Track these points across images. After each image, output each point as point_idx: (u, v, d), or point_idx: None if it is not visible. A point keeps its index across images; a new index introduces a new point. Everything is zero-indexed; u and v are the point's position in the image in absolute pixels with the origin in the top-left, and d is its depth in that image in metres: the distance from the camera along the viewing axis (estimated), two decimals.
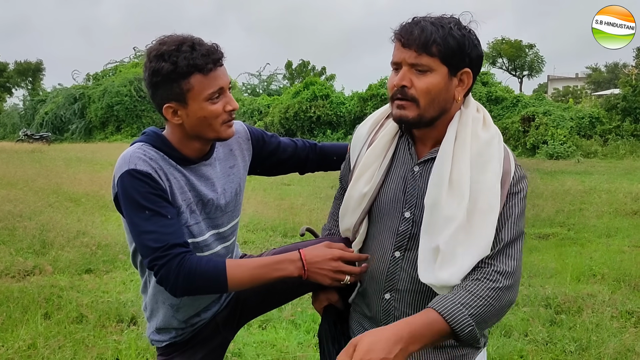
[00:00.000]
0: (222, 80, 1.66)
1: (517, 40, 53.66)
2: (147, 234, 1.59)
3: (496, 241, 1.46)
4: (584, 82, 61.59)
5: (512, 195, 1.50)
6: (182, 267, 1.57)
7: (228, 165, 1.88)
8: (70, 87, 44.57)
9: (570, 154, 21.93)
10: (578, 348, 4.10)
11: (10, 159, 21.15)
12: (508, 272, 1.44)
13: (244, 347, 4.08)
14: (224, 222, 1.86)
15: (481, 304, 1.36)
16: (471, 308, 1.35)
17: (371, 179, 1.63)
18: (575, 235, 8.10)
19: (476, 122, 1.53)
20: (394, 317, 1.61)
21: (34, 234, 7.48)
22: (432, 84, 1.46)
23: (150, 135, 1.75)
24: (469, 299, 1.36)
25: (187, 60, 1.59)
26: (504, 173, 1.49)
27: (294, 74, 53.51)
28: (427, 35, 1.43)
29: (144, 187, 1.61)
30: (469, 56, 1.48)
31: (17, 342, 3.98)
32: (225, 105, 1.67)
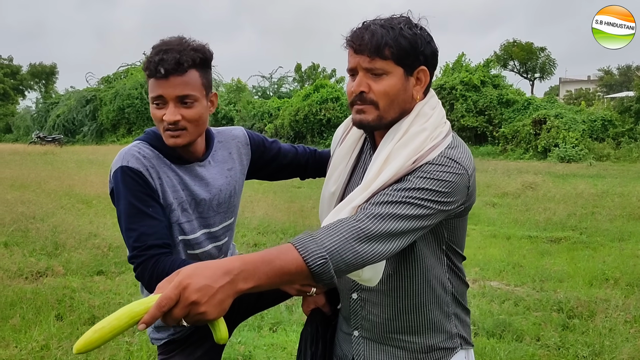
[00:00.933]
0: (165, 89, 1.67)
1: (529, 43, 53.36)
2: (130, 231, 1.66)
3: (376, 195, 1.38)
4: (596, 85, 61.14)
5: (417, 169, 1.40)
6: (156, 269, 1.63)
7: (226, 168, 1.93)
8: (83, 90, 44.90)
9: (583, 157, 21.79)
10: (591, 353, 4.07)
11: (23, 161, 21.35)
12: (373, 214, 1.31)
13: (254, 349, 4.09)
14: (215, 222, 1.91)
15: (338, 238, 1.25)
16: (328, 241, 1.24)
17: (338, 177, 1.66)
18: (587, 239, 8.03)
19: (420, 117, 1.51)
20: (362, 317, 1.63)
21: (46, 236, 7.54)
22: (389, 86, 1.46)
23: (149, 134, 1.82)
24: (324, 233, 1.26)
25: (148, 63, 1.68)
26: (418, 157, 1.42)
27: (303, 77, 53.50)
28: (378, 39, 1.43)
29: (134, 185, 1.68)
30: (422, 54, 1.47)
31: (31, 343, 4.02)
32: (164, 115, 1.69)
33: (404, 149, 1.44)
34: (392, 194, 1.36)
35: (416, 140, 1.45)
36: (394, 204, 1.34)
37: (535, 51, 53.62)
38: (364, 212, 1.32)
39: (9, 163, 20.05)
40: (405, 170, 1.40)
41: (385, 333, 1.61)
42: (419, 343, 1.60)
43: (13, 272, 5.86)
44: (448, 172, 1.40)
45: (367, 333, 1.63)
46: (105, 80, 45.88)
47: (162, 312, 1.06)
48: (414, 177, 1.39)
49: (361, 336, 1.65)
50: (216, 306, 1.10)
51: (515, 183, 13.69)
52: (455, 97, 27.48)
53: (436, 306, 1.60)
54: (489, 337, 4.38)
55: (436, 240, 1.54)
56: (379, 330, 1.61)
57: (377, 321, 1.60)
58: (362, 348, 1.65)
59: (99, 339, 1.04)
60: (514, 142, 25.62)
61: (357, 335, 1.66)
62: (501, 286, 5.78)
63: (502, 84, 28.57)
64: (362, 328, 1.64)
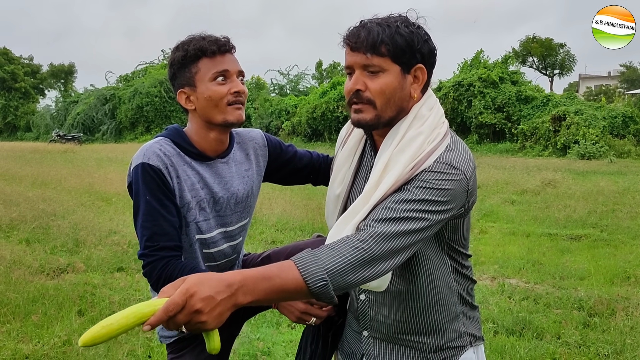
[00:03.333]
0: (228, 64, 1.75)
1: (548, 39, 52.82)
2: (144, 229, 1.68)
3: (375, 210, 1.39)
4: (617, 81, 60.37)
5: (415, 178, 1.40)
6: (165, 271, 1.66)
7: (243, 168, 1.94)
8: (102, 88, 45.33)
9: (603, 153, 21.52)
10: (612, 351, 4.02)
11: (44, 159, 21.63)
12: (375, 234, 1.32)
13: (273, 346, 4.11)
14: (232, 221, 1.92)
15: (341, 260, 1.26)
16: (330, 263, 1.25)
17: (342, 180, 1.66)
18: (608, 237, 7.94)
19: (417, 119, 1.50)
20: (370, 318, 1.63)
21: (67, 233, 7.63)
22: (386, 84, 1.45)
23: (171, 130, 1.84)
24: (327, 253, 1.27)
25: (196, 45, 1.72)
26: (416, 163, 1.41)
27: (323, 74, 53.47)
28: (375, 36, 1.42)
29: (152, 182, 1.69)
30: (419, 52, 1.46)
31: (53, 338, 4.07)
32: (231, 88, 1.74)
33: (402, 155, 1.44)
34: (394, 208, 1.36)
35: (413, 145, 1.44)
36: (396, 221, 1.34)
37: (554, 47, 53.04)
38: (367, 232, 1.32)
39: (29, 161, 20.32)
40: (404, 178, 1.40)
41: (394, 333, 1.61)
42: (428, 343, 1.60)
43: (35, 268, 5.94)
44: (447, 179, 1.39)
45: (376, 333, 1.64)
46: (124, 79, 46.27)
47: (168, 317, 1.09)
48: (413, 187, 1.38)
49: (370, 336, 1.66)
50: (216, 317, 1.13)
51: (534, 180, 13.57)
52: (473, 94, 27.29)
53: (443, 307, 1.60)
54: (509, 334, 4.35)
55: (438, 242, 1.54)
56: (388, 330, 1.62)
57: (385, 322, 1.61)
58: (371, 347, 1.65)
59: (105, 335, 1.07)
60: (532, 139, 25.38)
61: (367, 335, 1.66)
62: (521, 284, 5.74)
63: (520, 81, 28.33)
64: (371, 328, 1.65)
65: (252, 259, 2.06)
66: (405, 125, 1.49)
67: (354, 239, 1.31)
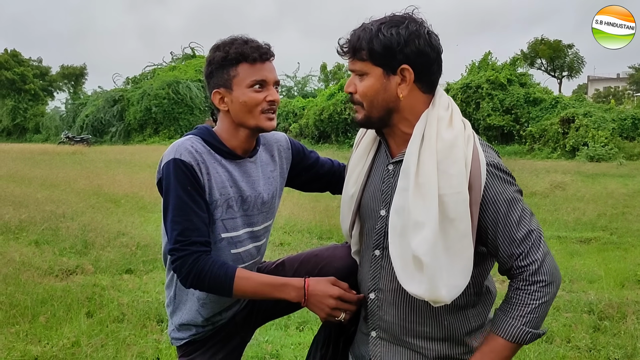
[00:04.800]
0: (267, 73, 1.78)
1: (557, 41, 52.63)
2: (175, 223, 1.70)
3: (513, 248, 1.49)
4: (626, 83, 60.06)
5: (494, 197, 1.49)
6: (196, 266, 1.68)
7: (269, 169, 1.95)
8: (110, 91, 45.51)
9: (612, 156, 21.40)
10: (623, 356, 3.99)
11: (53, 160, 21.74)
12: (540, 270, 1.47)
13: (281, 348, 4.10)
14: (258, 221, 1.93)
15: (531, 311, 1.47)
16: (526, 320, 1.47)
17: (356, 180, 1.69)
18: (618, 240, 7.88)
19: (441, 122, 1.51)
20: (378, 318, 1.63)
21: (76, 234, 7.65)
22: (367, 86, 1.53)
23: (201, 129, 1.86)
24: (520, 312, 1.48)
25: (238, 49, 1.74)
26: (473, 177, 1.45)
27: (328, 76, 53.51)
28: (354, 41, 1.51)
29: (184, 178, 1.71)
30: (401, 53, 1.48)
31: (62, 340, 4.08)
32: (267, 96, 1.77)
33: (451, 164, 1.44)
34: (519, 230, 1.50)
35: (457, 152, 1.46)
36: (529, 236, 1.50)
37: (563, 49, 52.82)
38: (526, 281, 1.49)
39: (39, 163, 20.42)
40: (477, 199, 1.46)
41: (401, 335, 1.61)
42: (434, 350, 1.59)
43: (44, 270, 5.96)
44: (513, 181, 1.57)
45: (383, 334, 1.64)
46: (133, 81, 46.44)
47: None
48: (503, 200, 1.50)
49: (378, 337, 1.65)
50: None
51: (543, 183, 13.49)
52: (481, 96, 27.22)
53: (457, 318, 1.59)
54: None
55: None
56: (395, 331, 1.61)
57: (393, 321, 1.61)
58: (378, 349, 1.65)
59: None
60: (541, 141, 25.27)
61: (375, 336, 1.66)
62: None
63: (529, 83, 28.24)
64: (379, 328, 1.65)
65: (266, 267, 2.05)
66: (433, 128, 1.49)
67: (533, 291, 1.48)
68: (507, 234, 1.49)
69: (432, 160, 1.46)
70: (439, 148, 1.46)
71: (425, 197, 1.43)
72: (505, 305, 1.52)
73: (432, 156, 1.46)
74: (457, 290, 1.44)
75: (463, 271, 1.44)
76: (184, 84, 38.93)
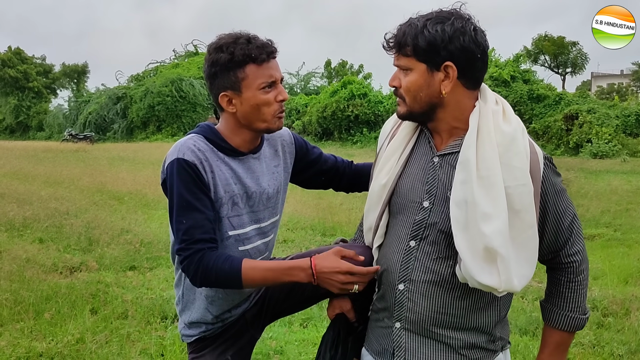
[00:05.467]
0: (275, 72, 1.77)
1: (560, 37, 52.45)
2: (179, 223, 1.71)
3: (559, 237, 1.59)
4: (630, 79, 59.85)
5: (549, 188, 1.56)
6: (201, 263, 1.68)
7: (273, 164, 1.95)
8: (113, 88, 45.55)
9: (616, 152, 21.37)
10: (627, 351, 3.99)
11: (56, 158, 21.78)
12: (584, 259, 1.62)
13: (285, 345, 4.11)
14: (265, 217, 1.92)
15: (582, 299, 1.63)
16: (580, 309, 1.63)
17: (390, 170, 1.68)
18: (622, 236, 7.88)
19: (497, 115, 1.53)
20: (407, 309, 1.62)
21: (80, 232, 7.67)
22: (410, 82, 1.55)
23: (203, 127, 1.85)
24: (574, 303, 1.63)
25: (243, 50, 1.71)
26: (533, 169, 1.50)
27: (332, 73, 53.48)
28: (400, 37, 1.53)
29: (187, 177, 1.71)
30: (445, 49, 1.49)
31: (66, 336, 4.09)
32: (277, 96, 1.77)
33: (513, 156, 1.48)
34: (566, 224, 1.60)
35: (519, 145, 1.50)
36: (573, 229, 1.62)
37: (566, 45, 52.65)
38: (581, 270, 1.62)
39: (42, 160, 20.47)
40: (537, 190, 1.51)
41: (429, 326, 1.60)
42: (461, 339, 1.60)
43: (48, 267, 5.98)
44: (559, 179, 1.63)
45: (409, 325, 1.63)
46: (135, 78, 46.46)
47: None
48: (555, 191, 1.58)
49: (403, 328, 1.64)
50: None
51: None
52: None
53: (493, 308, 1.62)
54: (522, 334, 4.33)
55: None
56: (423, 322, 1.60)
57: (422, 312, 1.60)
58: (403, 340, 1.64)
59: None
60: (545, 138, 25.23)
61: (399, 327, 1.65)
62: (534, 284, 5.69)
63: (532, 79, 28.17)
64: (405, 320, 1.63)
65: None
66: (489, 121, 1.52)
67: (574, 277, 1.62)
68: (555, 223, 1.58)
69: (493, 153, 1.47)
70: (499, 141, 1.49)
71: (491, 189, 1.45)
72: (557, 299, 1.66)
73: (493, 149, 1.48)
74: (526, 280, 1.49)
75: (530, 260, 1.49)
76: (187, 81, 38.95)
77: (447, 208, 1.53)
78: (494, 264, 1.44)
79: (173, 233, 1.76)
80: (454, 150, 1.58)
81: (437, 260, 1.58)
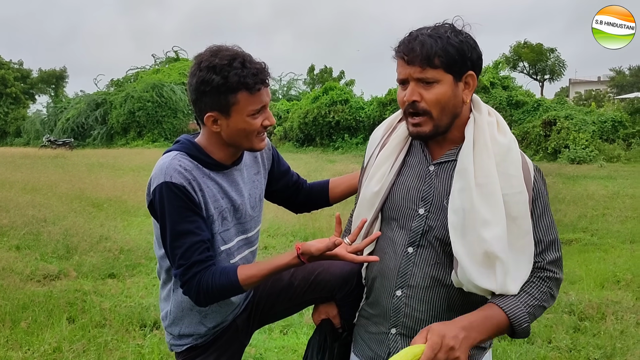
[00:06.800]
0: (265, 98, 1.76)
1: (539, 44, 53.09)
2: (175, 248, 1.70)
3: (539, 242, 1.57)
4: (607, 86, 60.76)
5: (537, 197, 1.58)
6: (200, 285, 1.69)
7: (253, 172, 1.95)
8: (93, 94, 45.10)
9: (593, 158, 21.63)
10: (602, 355, 4.05)
11: (34, 164, 21.49)
12: (555, 268, 1.58)
13: (265, 352, 4.10)
14: (251, 227, 1.93)
15: (536, 303, 1.53)
16: (529, 307, 1.51)
17: (382, 178, 1.69)
18: (598, 241, 7.98)
19: (492, 126, 1.58)
20: (404, 315, 1.64)
21: (58, 239, 7.59)
22: (440, 94, 1.53)
23: (185, 144, 1.81)
24: (526, 299, 1.52)
25: (238, 77, 1.67)
26: (525, 178, 1.55)
27: (315, 79, 53.55)
28: (428, 49, 1.50)
29: (177, 201, 1.68)
30: (470, 60, 1.54)
31: (43, 345, 4.05)
32: (264, 121, 1.77)
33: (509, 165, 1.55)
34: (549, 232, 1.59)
35: (513, 156, 1.56)
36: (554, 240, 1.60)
37: (545, 52, 53.32)
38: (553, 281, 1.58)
39: (20, 167, 20.19)
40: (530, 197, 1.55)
41: None
42: None
43: (25, 275, 5.91)
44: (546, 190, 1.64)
45: (406, 330, 1.65)
46: (116, 84, 46.07)
47: (434, 354, 1.36)
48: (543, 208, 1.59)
49: (399, 333, 1.67)
50: (464, 352, 1.40)
51: None
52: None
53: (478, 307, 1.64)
54: (500, 339, 4.36)
55: None
56: (421, 327, 1.60)
57: (420, 317, 1.63)
58: (399, 346, 1.66)
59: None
60: (524, 144, 25.47)
61: (395, 333, 1.67)
62: None
63: (511, 86, 28.44)
64: (402, 326, 1.66)
65: None
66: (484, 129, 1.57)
67: (545, 287, 1.56)
68: (539, 230, 1.58)
69: (490, 162, 1.52)
70: (496, 151, 1.54)
71: (490, 196, 1.50)
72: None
73: (490, 158, 1.52)
74: (522, 281, 1.54)
75: (527, 264, 1.54)
76: (168, 87, 38.72)
77: (443, 215, 1.57)
78: (492, 268, 1.50)
79: (168, 257, 1.75)
80: (450, 159, 1.62)
81: (435, 266, 1.61)
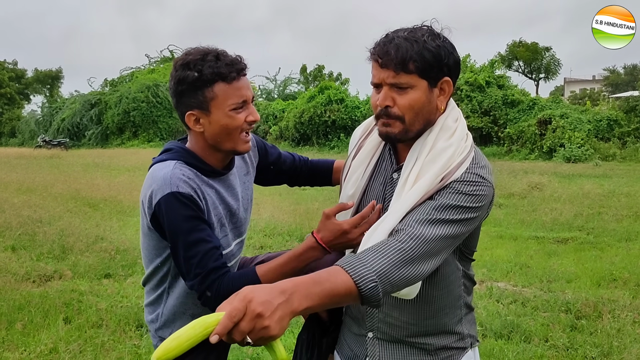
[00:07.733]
0: (246, 92, 1.70)
1: (534, 43, 53.28)
2: (191, 258, 1.64)
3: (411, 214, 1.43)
4: (602, 84, 60.99)
5: (447, 187, 1.45)
6: (220, 292, 1.63)
7: (243, 173, 1.93)
8: (87, 94, 45.01)
9: (588, 157, 21.72)
10: (600, 354, 4.05)
11: (29, 165, 21.44)
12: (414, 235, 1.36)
13: (262, 351, 4.09)
14: (244, 230, 1.93)
15: (386, 262, 1.29)
16: (376, 265, 1.28)
17: (356, 182, 1.68)
18: (594, 240, 8.00)
19: (444, 131, 1.52)
20: (378, 320, 1.63)
21: (53, 239, 7.56)
22: (414, 99, 1.47)
23: (178, 152, 1.77)
24: (372, 256, 1.30)
25: (212, 68, 1.63)
26: (446, 174, 1.46)
27: (308, 78, 53.55)
28: (403, 53, 1.43)
29: (188, 210, 1.64)
30: (446, 65, 1.48)
31: (39, 346, 4.03)
32: (247, 117, 1.71)
33: (433, 165, 1.47)
34: (430, 213, 1.41)
35: (444, 156, 1.47)
36: (433, 225, 1.39)
37: (540, 51, 53.49)
38: (405, 234, 1.36)
39: (15, 167, 20.13)
40: (435, 187, 1.45)
41: (402, 336, 1.62)
42: (433, 344, 1.62)
43: (21, 275, 5.88)
44: (478, 188, 1.46)
45: (382, 335, 1.64)
46: (110, 84, 45.98)
47: (233, 323, 1.08)
48: (448, 193, 1.43)
49: (376, 337, 1.65)
50: (278, 322, 1.11)
51: (521, 184, 13.65)
52: (460, 98, 27.44)
53: (452, 310, 1.63)
54: (497, 338, 4.37)
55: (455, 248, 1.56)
56: (396, 332, 1.62)
57: (394, 324, 1.62)
58: (377, 349, 1.65)
59: (176, 347, 1.10)
60: (519, 143, 25.56)
61: (372, 337, 1.66)
62: (508, 287, 5.76)
63: (507, 85, 28.52)
64: (377, 330, 1.65)
65: (244, 262, 2.03)
66: (433, 137, 1.51)
67: (394, 241, 1.35)
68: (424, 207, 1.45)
69: (418, 166, 1.49)
70: (428, 154, 1.49)
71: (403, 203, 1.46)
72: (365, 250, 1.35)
73: (418, 165, 1.49)
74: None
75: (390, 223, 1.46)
76: (163, 86, 38.66)
77: None
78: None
79: (182, 269, 1.69)
80: None
81: None
